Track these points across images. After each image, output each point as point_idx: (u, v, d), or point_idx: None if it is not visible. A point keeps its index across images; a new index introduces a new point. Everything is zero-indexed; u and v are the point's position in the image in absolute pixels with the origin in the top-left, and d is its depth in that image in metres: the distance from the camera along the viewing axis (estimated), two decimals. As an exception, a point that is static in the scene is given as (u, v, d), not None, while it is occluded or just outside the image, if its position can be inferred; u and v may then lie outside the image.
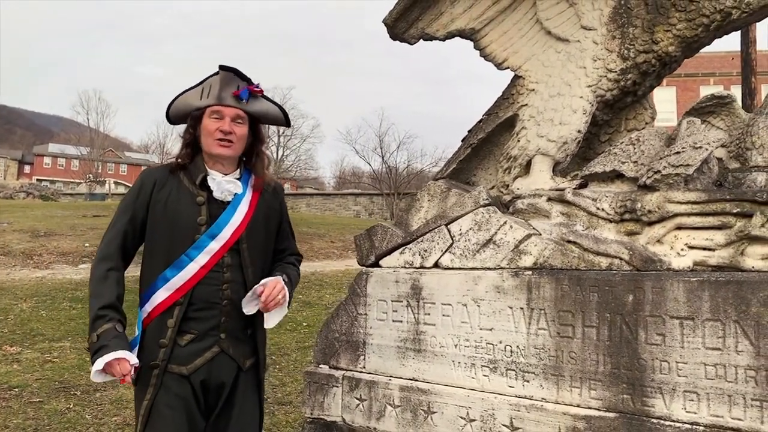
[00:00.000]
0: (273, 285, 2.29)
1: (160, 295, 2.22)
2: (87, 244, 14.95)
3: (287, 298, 2.37)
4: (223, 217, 2.29)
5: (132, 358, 2.11)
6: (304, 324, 7.93)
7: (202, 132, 2.31)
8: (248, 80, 2.36)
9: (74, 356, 6.12)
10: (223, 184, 2.31)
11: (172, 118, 2.42)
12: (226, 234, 2.27)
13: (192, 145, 2.34)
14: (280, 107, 2.46)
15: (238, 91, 2.31)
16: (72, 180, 57.77)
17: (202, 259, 2.23)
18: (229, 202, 2.32)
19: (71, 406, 4.73)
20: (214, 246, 2.25)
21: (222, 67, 2.34)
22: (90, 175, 51.53)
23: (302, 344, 6.94)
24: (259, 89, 2.38)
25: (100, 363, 2.05)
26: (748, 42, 10.71)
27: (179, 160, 2.34)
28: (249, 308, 2.29)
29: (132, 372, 2.09)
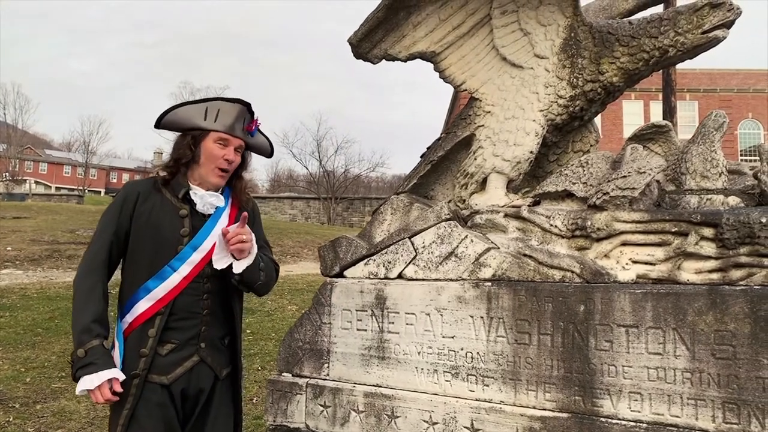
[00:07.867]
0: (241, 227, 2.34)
1: (142, 306, 2.26)
2: (9, 248, 14.20)
3: (254, 248, 2.40)
4: (205, 229, 2.37)
5: (120, 375, 2.15)
6: (248, 331, 7.88)
7: (202, 153, 2.38)
8: (252, 114, 2.47)
9: (8, 367, 5.88)
10: (206, 197, 2.40)
11: (166, 124, 2.42)
12: (207, 245, 2.35)
13: (186, 163, 2.40)
14: (269, 142, 2.66)
15: (251, 127, 2.45)
16: (-15, 178, 54.29)
17: (184, 270, 2.30)
18: (210, 215, 2.40)
19: (11, 419, 4.56)
20: (196, 257, 2.32)
21: (241, 102, 2.42)
22: (6, 174, 48.68)
23: (247, 352, 6.91)
24: (259, 124, 2.53)
25: (88, 382, 2.09)
26: (668, 64, 11.48)
27: (165, 175, 2.38)
28: (220, 263, 2.33)
29: (111, 392, 2.12)
